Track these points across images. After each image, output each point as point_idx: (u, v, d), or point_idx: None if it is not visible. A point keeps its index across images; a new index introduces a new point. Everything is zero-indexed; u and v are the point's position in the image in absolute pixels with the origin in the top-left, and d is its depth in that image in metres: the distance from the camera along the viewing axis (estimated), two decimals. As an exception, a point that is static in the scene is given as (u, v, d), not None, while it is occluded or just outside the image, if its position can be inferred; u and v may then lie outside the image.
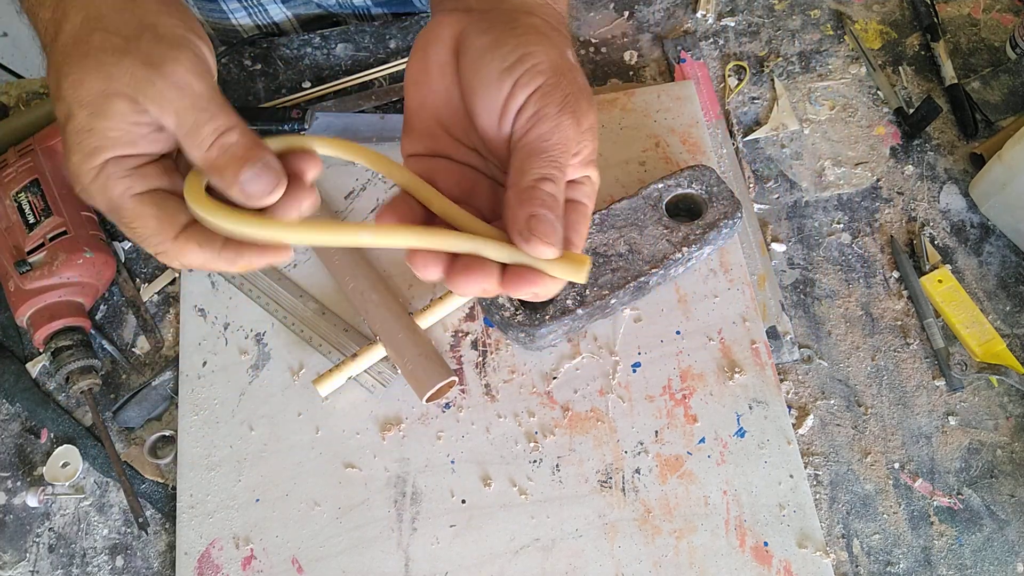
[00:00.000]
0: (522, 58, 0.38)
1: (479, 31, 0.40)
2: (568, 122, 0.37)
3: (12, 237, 0.66)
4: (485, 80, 0.39)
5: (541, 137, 0.37)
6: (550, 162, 0.37)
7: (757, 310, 0.64)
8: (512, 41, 0.38)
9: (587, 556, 0.57)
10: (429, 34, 0.42)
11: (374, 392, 0.63)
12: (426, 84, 0.42)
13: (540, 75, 0.38)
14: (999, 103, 0.72)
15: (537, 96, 0.37)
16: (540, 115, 0.37)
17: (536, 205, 0.36)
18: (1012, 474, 0.59)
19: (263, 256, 0.38)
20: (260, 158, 0.35)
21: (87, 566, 0.60)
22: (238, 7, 0.83)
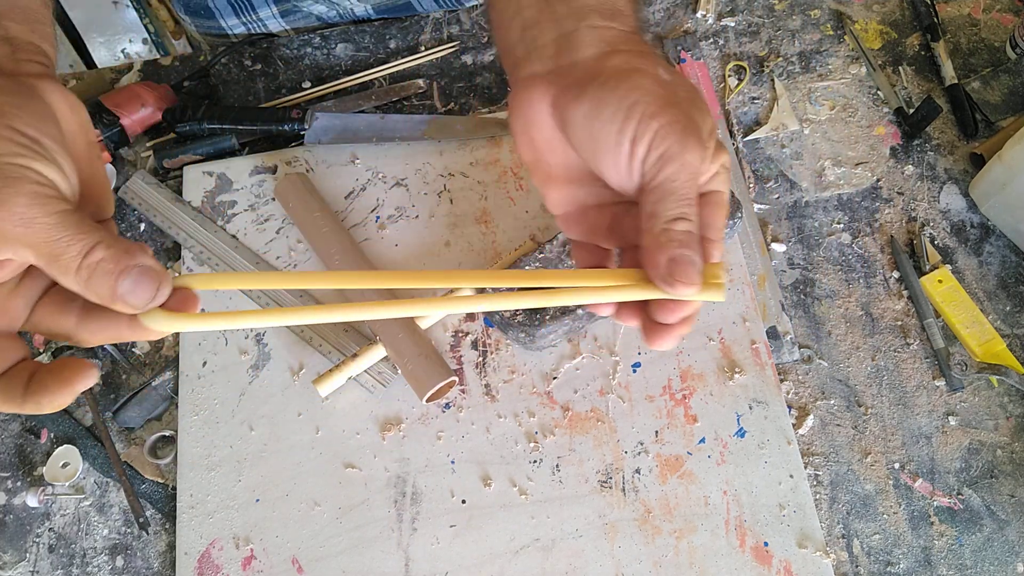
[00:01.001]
0: (630, 112, 0.38)
1: (572, 100, 0.39)
2: (693, 149, 0.37)
3: (12, 237, 0.66)
4: (603, 147, 0.39)
5: (668, 179, 0.38)
6: (680, 201, 0.37)
7: (757, 310, 0.64)
8: (611, 98, 0.38)
9: (587, 556, 0.57)
10: (523, 115, 0.42)
11: (374, 392, 0.63)
12: (544, 162, 0.43)
13: (652, 120, 0.37)
14: (999, 103, 0.72)
15: (657, 140, 0.37)
16: (665, 157, 0.37)
17: (674, 247, 0.37)
18: (1012, 474, 0.59)
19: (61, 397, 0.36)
20: (134, 266, 0.33)
21: (87, 566, 0.61)
22: (237, 23, 0.83)
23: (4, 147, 0.31)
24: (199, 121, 0.73)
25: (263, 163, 0.74)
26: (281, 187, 0.71)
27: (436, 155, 0.73)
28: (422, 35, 0.81)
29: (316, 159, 0.74)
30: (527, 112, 0.41)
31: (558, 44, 0.41)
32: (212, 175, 0.74)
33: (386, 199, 0.71)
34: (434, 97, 0.77)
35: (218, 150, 0.75)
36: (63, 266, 0.32)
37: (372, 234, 0.70)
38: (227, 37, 0.85)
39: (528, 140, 0.42)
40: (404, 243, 0.69)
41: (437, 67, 0.79)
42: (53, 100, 0.36)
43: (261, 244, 0.70)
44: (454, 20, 0.81)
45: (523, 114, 0.42)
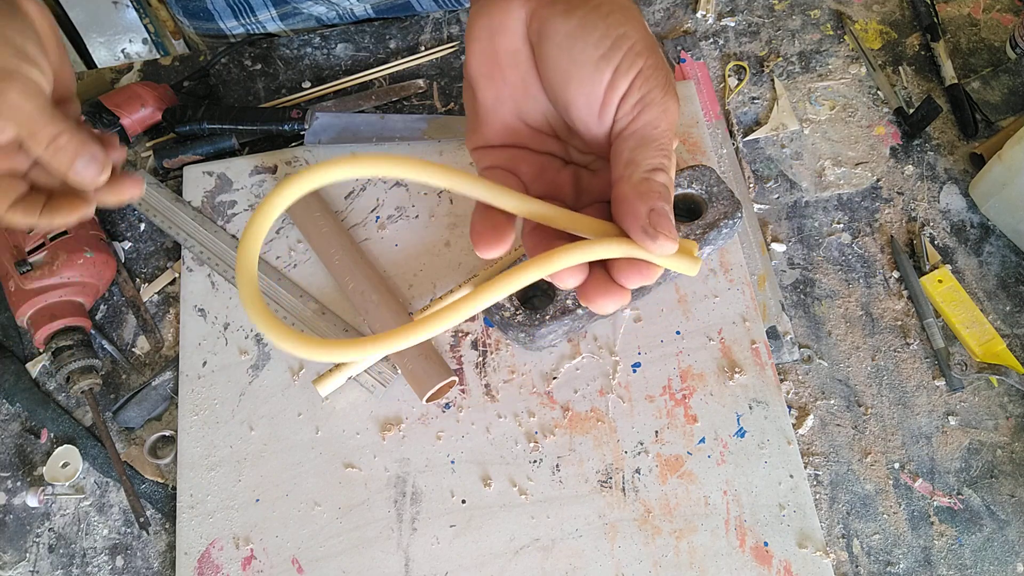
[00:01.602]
0: (617, 41, 0.35)
1: (559, 14, 0.37)
2: (673, 105, 0.36)
3: (12, 237, 0.66)
4: (580, 69, 0.36)
5: (650, 124, 0.36)
6: (660, 150, 0.36)
7: (757, 310, 0.64)
8: (601, 23, 0.36)
9: (587, 556, 0.57)
10: (492, 20, 0.38)
11: (374, 392, 0.63)
12: (499, 76, 0.40)
13: (639, 57, 0.36)
14: (999, 103, 0.72)
15: (640, 81, 0.36)
16: (646, 101, 0.36)
17: (654, 198, 0.35)
18: (1012, 474, 0.59)
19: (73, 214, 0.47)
20: (87, 152, 0.43)
21: (87, 566, 0.61)
22: (236, 25, 0.83)
23: (3, 53, 0.40)
24: (199, 121, 0.73)
25: (263, 163, 0.74)
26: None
27: (436, 155, 0.73)
28: (422, 35, 0.81)
29: (316, 159, 0.74)
30: (498, 15, 0.38)
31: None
32: (212, 175, 0.74)
33: (386, 199, 0.71)
34: (434, 97, 0.77)
35: (218, 150, 0.75)
36: (38, 143, 0.42)
37: (372, 234, 0.70)
38: (226, 39, 0.85)
39: (489, 48, 0.39)
40: (404, 243, 0.69)
41: (437, 67, 0.79)
42: (29, 11, 0.44)
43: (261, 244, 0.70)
44: (454, 20, 0.81)
45: (492, 17, 0.38)
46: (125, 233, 0.73)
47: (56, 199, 0.46)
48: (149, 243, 0.73)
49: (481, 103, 0.41)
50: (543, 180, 0.41)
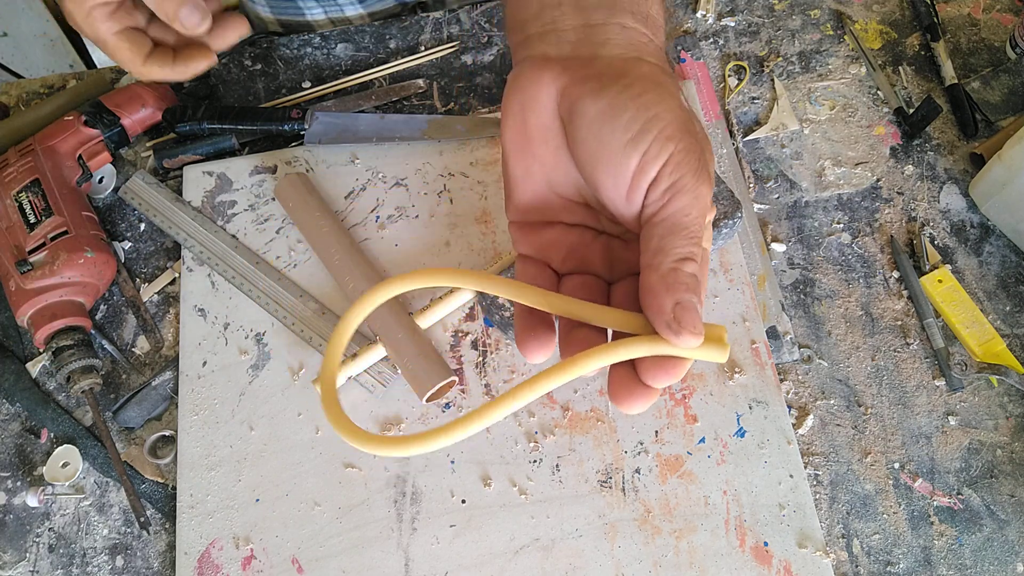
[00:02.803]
0: (647, 125, 0.35)
1: (589, 93, 0.36)
2: (705, 190, 0.35)
3: (13, 237, 0.66)
4: (608, 152, 0.36)
5: (680, 211, 0.35)
6: (690, 239, 0.35)
7: (757, 310, 0.64)
8: (631, 105, 0.35)
9: (587, 556, 0.57)
10: (525, 95, 0.38)
11: (374, 392, 0.63)
12: (529, 151, 0.39)
13: (670, 141, 0.35)
14: (999, 103, 0.72)
15: (671, 167, 0.35)
16: (677, 188, 0.35)
17: (681, 291, 0.34)
18: (1012, 474, 0.59)
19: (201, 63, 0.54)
20: (189, 1, 0.49)
21: (87, 566, 0.61)
22: (317, 9, 0.82)
23: None
24: (199, 121, 0.73)
25: (263, 163, 0.74)
26: (281, 187, 0.71)
27: (436, 155, 0.73)
28: (422, 35, 0.81)
29: (316, 159, 0.74)
30: (531, 91, 0.38)
31: (582, 33, 0.38)
32: (212, 175, 0.74)
33: (386, 199, 0.71)
34: (434, 97, 0.77)
35: (218, 150, 0.75)
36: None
37: (372, 234, 0.70)
38: (304, 20, 0.84)
39: (521, 122, 0.39)
40: (404, 243, 0.69)
41: (437, 67, 0.79)
42: None
43: (261, 244, 0.70)
44: (454, 20, 0.81)
45: (524, 92, 0.38)
46: (125, 233, 0.73)
47: (181, 52, 0.53)
48: (149, 243, 0.73)
49: (511, 175, 0.40)
50: (575, 257, 0.40)
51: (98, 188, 0.74)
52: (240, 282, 0.68)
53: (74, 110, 0.74)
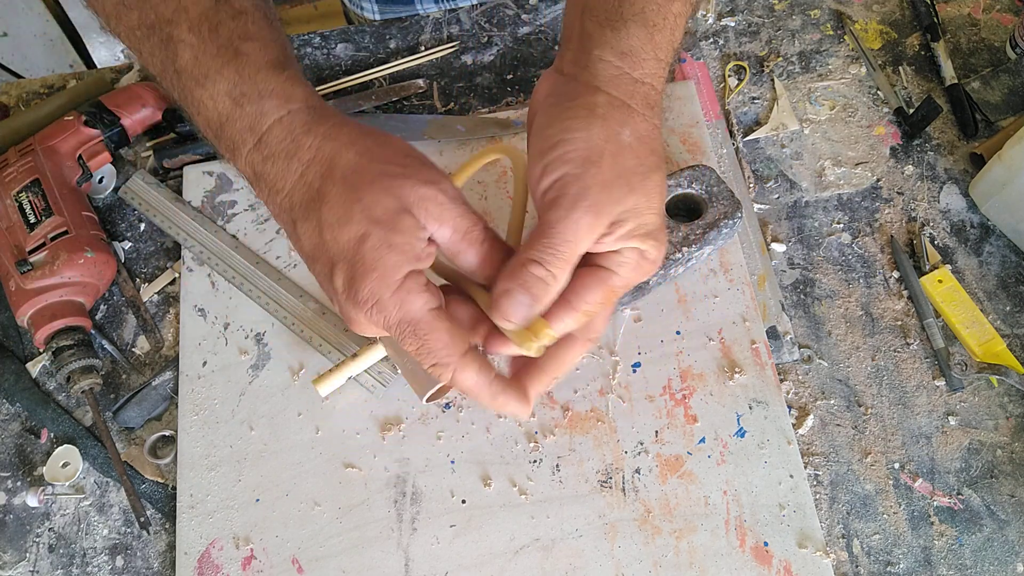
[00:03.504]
0: (557, 144, 0.40)
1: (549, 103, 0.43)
2: (580, 216, 0.39)
3: (13, 237, 0.66)
4: (534, 153, 0.42)
5: (548, 223, 0.40)
6: (547, 248, 0.39)
7: (757, 310, 0.64)
8: (558, 124, 0.41)
9: (587, 556, 0.57)
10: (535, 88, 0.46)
11: (374, 392, 0.63)
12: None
13: (565, 164, 0.40)
14: (999, 103, 0.72)
15: (558, 185, 0.40)
16: (555, 203, 0.40)
17: (515, 282, 0.39)
18: (1012, 474, 0.59)
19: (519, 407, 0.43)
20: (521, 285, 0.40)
21: (87, 566, 0.61)
22: (432, 5, 0.83)
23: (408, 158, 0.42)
24: (199, 121, 0.73)
25: (263, 163, 0.74)
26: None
27: (436, 155, 0.73)
28: (422, 35, 0.81)
29: (316, 159, 0.74)
30: (537, 88, 0.46)
31: (577, 55, 0.44)
32: (212, 175, 0.74)
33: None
34: (434, 97, 0.77)
35: (218, 150, 0.75)
36: (470, 241, 0.41)
37: (372, 234, 0.70)
38: (414, 19, 0.82)
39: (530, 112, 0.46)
40: (404, 243, 0.69)
41: (437, 67, 0.79)
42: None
43: (261, 244, 0.70)
44: (454, 20, 0.81)
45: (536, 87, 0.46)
46: (125, 233, 0.73)
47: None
48: (149, 243, 0.73)
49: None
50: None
51: (98, 188, 0.74)
52: (240, 282, 0.68)
53: (74, 110, 0.74)
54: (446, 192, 0.40)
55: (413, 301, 0.39)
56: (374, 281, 0.38)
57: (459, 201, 0.41)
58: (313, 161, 0.40)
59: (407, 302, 0.39)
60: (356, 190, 0.38)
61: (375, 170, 0.39)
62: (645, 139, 0.42)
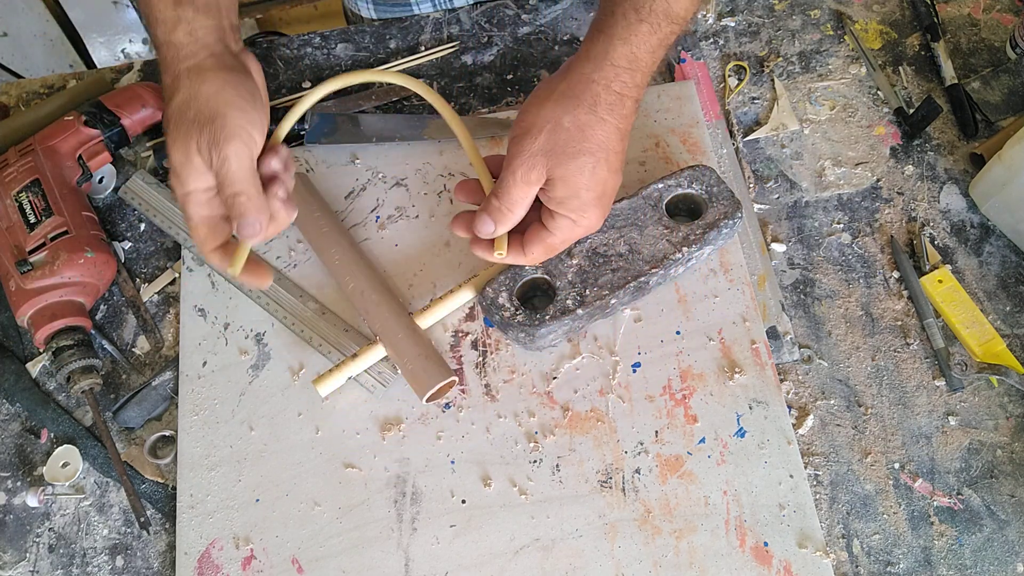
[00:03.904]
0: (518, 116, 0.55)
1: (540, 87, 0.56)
2: (513, 171, 0.54)
3: (13, 237, 0.66)
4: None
5: (500, 175, 0.55)
6: (497, 191, 0.55)
7: (757, 310, 0.64)
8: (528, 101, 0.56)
9: (587, 556, 0.57)
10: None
11: (374, 392, 0.63)
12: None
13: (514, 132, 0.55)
14: (999, 103, 0.72)
15: (509, 147, 0.55)
16: (507, 159, 0.55)
17: (482, 209, 0.56)
18: (1012, 474, 0.59)
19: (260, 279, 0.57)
20: (252, 213, 0.51)
21: (87, 566, 0.61)
22: (428, 6, 0.84)
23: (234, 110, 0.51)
24: (199, 121, 0.73)
25: (263, 163, 0.74)
26: (281, 187, 0.71)
27: (436, 155, 0.73)
28: (422, 35, 0.81)
29: (316, 159, 0.74)
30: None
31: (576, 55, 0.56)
32: (212, 175, 0.74)
33: (386, 199, 0.71)
34: (434, 97, 0.77)
35: (218, 150, 0.75)
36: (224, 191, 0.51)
37: (372, 234, 0.70)
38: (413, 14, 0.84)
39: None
40: (404, 243, 0.69)
41: (437, 67, 0.79)
42: (252, 69, 0.56)
43: (261, 244, 0.70)
44: (454, 20, 0.81)
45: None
46: (125, 233, 0.73)
47: (251, 261, 0.55)
48: (149, 243, 0.73)
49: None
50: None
51: (98, 188, 0.74)
52: (240, 282, 0.68)
53: (74, 110, 0.74)
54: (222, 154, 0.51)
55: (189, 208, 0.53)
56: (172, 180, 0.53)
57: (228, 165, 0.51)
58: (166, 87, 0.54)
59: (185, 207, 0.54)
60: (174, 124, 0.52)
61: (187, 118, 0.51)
62: (583, 127, 0.52)
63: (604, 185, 0.54)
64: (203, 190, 0.52)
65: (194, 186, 0.52)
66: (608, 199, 0.56)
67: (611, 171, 0.54)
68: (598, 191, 0.54)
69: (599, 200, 0.55)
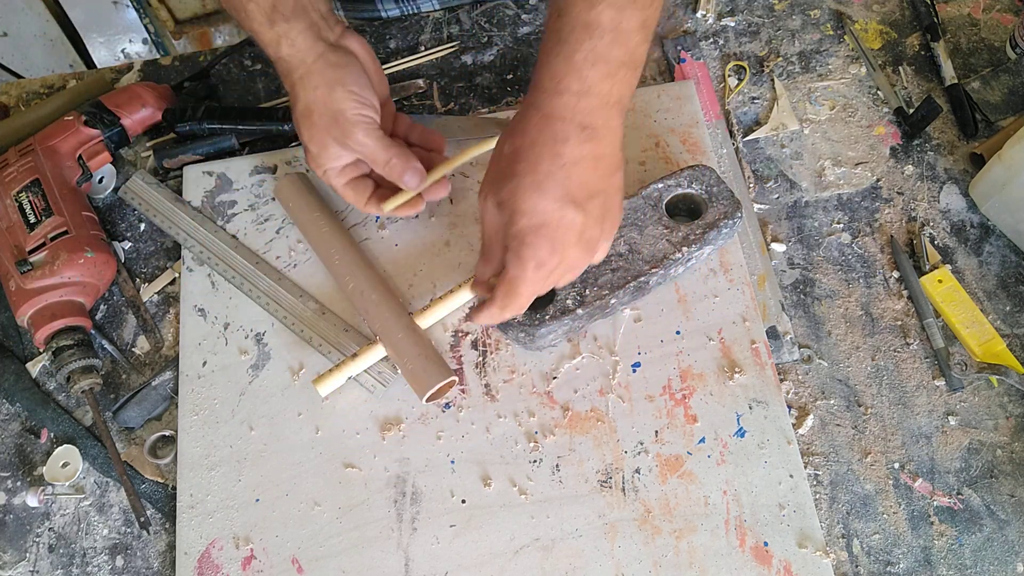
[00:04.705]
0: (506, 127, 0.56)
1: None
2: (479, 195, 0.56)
3: (13, 237, 0.66)
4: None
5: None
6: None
7: (757, 310, 0.64)
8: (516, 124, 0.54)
9: (587, 556, 0.57)
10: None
11: (374, 392, 0.63)
12: None
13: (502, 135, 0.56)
14: (999, 103, 0.72)
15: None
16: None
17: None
18: (1012, 474, 0.59)
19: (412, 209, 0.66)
20: (410, 168, 0.62)
21: (87, 566, 0.61)
22: (393, 8, 0.84)
23: (348, 103, 0.59)
24: (199, 121, 0.73)
25: (263, 163, 0.74)
26: (280, 187, 0.71)
27: (436, 155, 0.73)
28: (422, 35, 0.81)
29: (316, 159, 0.74)
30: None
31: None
32: (212, 175, 0.74)
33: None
34: (434, 97, 0.77)
35: (218, 150, 0.75)
36: (377, 165, 0.62)
37: (372, 234, 0.70)
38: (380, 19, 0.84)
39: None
40: (404, 243, 0.69)
41: (437, 67, 0.79)
42: (355, 49, 0.62)
43: (261, 244, 0.70)
44: (454, 20, 0.81)
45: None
46: (125, 233, 0.73)
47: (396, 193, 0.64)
48: (149, 243, 0.73)
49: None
50: None
51: (98, 188, 0.74)
52: (240, 282, 0.68)
53: (74, 110, 0.74)
54: (353, 139, 0.60)
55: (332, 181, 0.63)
56: (313, 161, 0.62)
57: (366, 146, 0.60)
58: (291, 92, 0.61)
59: (328, 180, 0.64)
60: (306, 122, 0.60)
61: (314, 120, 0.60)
62: (518, 145, 0.51)
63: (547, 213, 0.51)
64: (339, 168, 0.62)
65: (330, 165, 0.62)
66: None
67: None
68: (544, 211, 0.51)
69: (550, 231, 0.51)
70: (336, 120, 0.59)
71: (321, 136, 0.60)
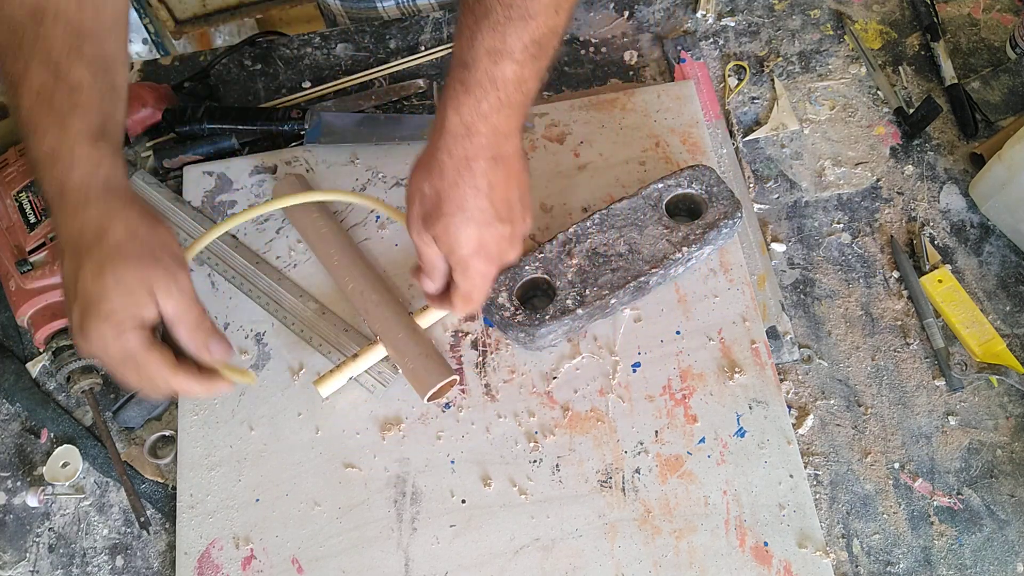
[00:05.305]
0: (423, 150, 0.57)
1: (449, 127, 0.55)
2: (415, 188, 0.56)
3: (13, 236, 0.66)
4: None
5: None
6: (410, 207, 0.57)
7: (757, 310, 0.64)
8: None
9: (587, 556, 0.57)
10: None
11: (374, 392, 0.63)
12: None
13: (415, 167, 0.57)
14: (999, 103, 0.72)
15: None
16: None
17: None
18: (1012, 474, 0.59)
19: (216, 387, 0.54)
20: (217, 334, 0.53)
21: (87, 566, 0.61)
22: (391, 4, 0.84)
23: (174, 240, 0.53)
24: (199, 121, 0.73)
25: (263, 163, 0.74)
26: (280, 187, 0.71)
27: (436, 155, 0.73)
28: (422, 35, 0.81)
29: (316, 159, 0.74)
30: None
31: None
32: (212, 175, 0.74)
33: (386, 199, 0.71)
34: (434, 97, 0.77)
35: (218, 150, 0.75)
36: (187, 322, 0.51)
37: (372, 234, 0.70)
38: (376, 13, 0.85)
39: None
40: (404, 243, 0.69)
41: (437, 67, 0.79)
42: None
43: (261, 244, 0.70)
44: (454, 20, 0.81)
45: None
46: (125, 233, 0.73)
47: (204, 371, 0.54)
48: (149, 243, 0.73)
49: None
50: None
51: (98, 188, 0.74)
52: (240, 282, 0.68)
53: (74, 110, 0.73)
54: (179, 283, 0.51)
55: (129, 341, 0.49)
56: (94, 327, 0.49)
57: (186, 294, 0.51)
58: (94, 221, 0.50)
59: (125, 342, 0.49)
60: (111, 261, 0.49)
61: (132, 251, 0.50)
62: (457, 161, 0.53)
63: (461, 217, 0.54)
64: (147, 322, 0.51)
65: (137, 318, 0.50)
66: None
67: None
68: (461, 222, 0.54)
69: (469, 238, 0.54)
70: (158, 259, 0.50)
71: (132, 279, 0.49)
